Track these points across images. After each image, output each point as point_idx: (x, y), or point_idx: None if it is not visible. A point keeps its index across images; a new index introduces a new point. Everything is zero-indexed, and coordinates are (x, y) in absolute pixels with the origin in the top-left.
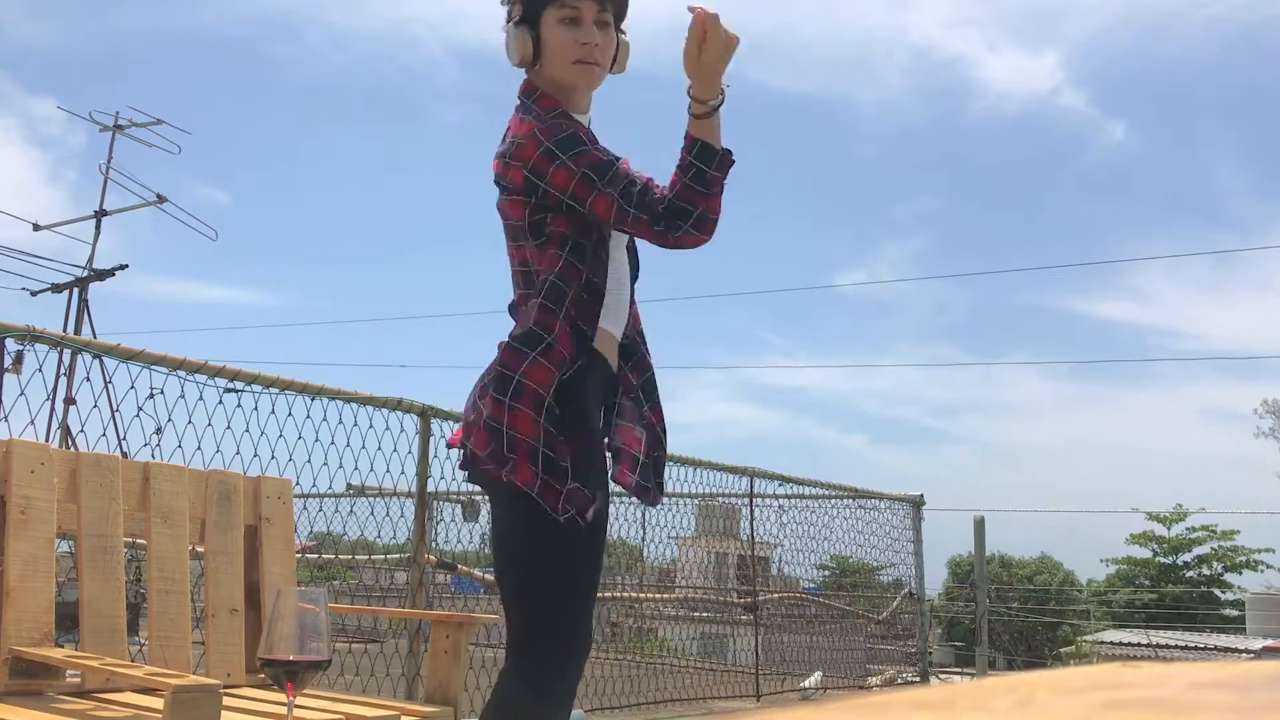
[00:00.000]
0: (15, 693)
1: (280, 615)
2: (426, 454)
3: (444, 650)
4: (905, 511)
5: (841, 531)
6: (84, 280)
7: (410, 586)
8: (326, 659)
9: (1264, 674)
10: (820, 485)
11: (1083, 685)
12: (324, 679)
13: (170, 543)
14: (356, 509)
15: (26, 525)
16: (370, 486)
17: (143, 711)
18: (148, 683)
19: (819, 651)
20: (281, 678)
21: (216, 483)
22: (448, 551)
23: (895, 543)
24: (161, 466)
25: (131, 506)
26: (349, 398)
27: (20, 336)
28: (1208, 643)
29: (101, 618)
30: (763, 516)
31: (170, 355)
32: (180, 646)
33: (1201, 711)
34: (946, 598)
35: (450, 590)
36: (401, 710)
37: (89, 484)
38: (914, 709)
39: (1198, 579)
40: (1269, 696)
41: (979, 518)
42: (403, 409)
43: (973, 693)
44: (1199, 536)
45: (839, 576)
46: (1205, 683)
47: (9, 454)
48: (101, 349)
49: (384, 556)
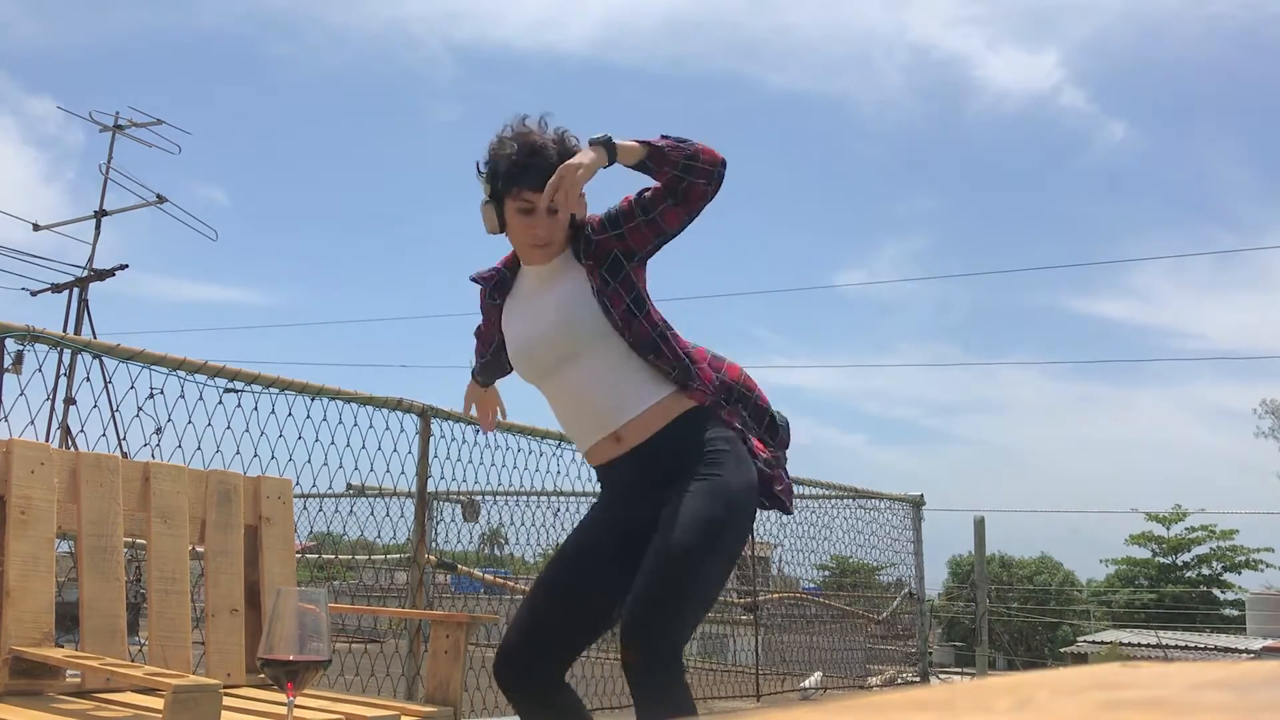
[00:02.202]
0: (15, 693)
1: (280, 615)
2: (426, 454)
3: (444, 650)
4: (905, 511)
5: (841, 531)
6: (84, 280)
7: (410, 586)
8: (326, 659)
9: (1264, 674)
10: (820, 485)
11: (1083, 685)
12: (324, 679)
13: (170, 543)
14: (356, 509)
15: (26, 525)
16: (370, 486)
17: (143, 711)
18: (148, 683)
19: (819, 651)
20: (281, 678)
21: (216, 483)
22: (448, 551)
23: (895, 543)
24: (161, 466)
25: (131, 506)
26: (349, 398)
27: (20, 336)
28: (1208, 643)
29: (101, 618)
30: (763, 516)
31: (170, 355)
32: (180, 646)
33: (1201, 711)
34: (946, 598)
35: (450, 590)
36: (401, 710)
37: (89, 484)
38: (914, 709)
39: (1197, 579)
40: (1269, 696)
41: (979, 518)
42: (403, 409)
43: (973, 693)
44: (1199, 536)
45: (839, 576)
46: (1205, 683)
47: (9, 454)
48: (101, 349)
49: (384, 556)
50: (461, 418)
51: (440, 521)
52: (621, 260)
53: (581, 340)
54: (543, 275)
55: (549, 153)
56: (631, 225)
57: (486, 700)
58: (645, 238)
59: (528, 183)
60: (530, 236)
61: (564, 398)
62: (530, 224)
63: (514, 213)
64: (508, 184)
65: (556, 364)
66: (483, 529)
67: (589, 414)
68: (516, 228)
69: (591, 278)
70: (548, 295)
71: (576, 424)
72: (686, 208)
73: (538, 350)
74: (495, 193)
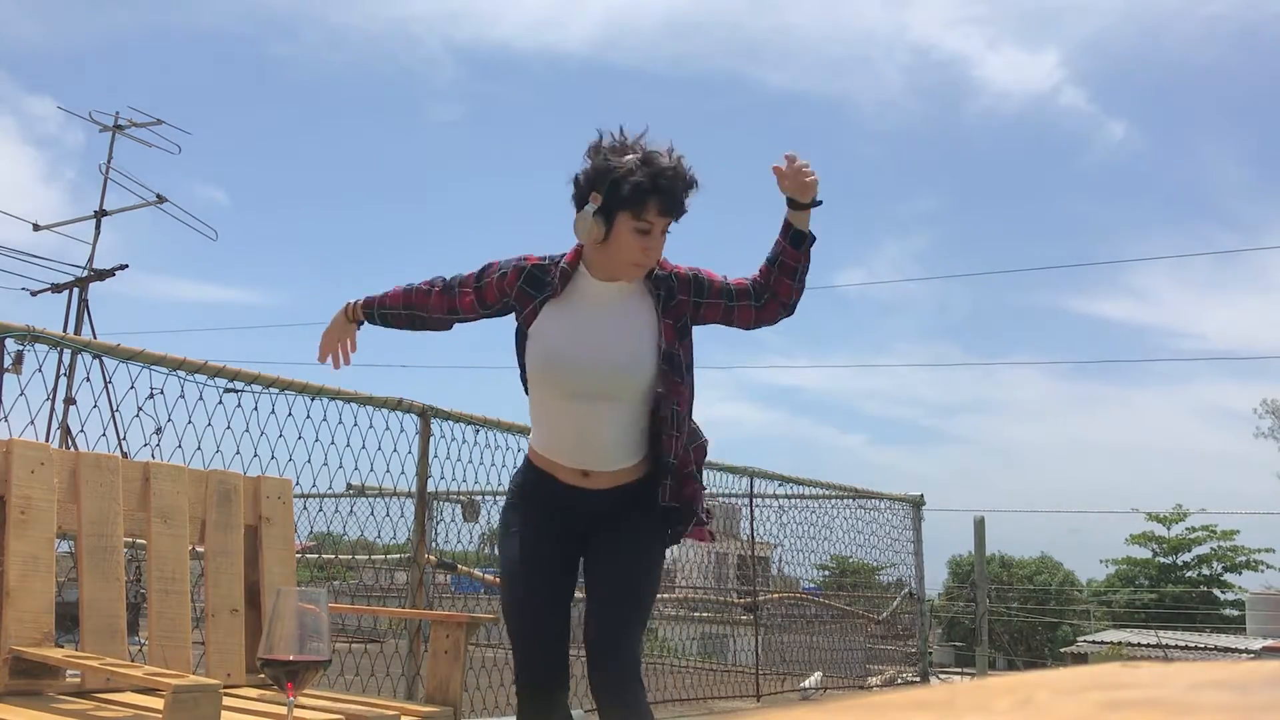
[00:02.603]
0: (15, 693)
1: (280, 615)
2: (426, 454)
3: (444, 650)
4: (905, 511)
5: (841, 531)
6: (84, 280)
7: (410, 586)
8: (326, 659)
9: (1264, 674)
10: (820, 485)
11: (1083, 685)
12: (324, 679)
13: (170, 543)
14: (356, 509)
15: (26, 525)
16: (370, 486)
17: (143, 711)
18: (148, 683)
19: (819, 652)
20: (281, 678)
21: (216, 483)
22: (448, 551)
23: (895, 543)
24: (161, 466)
25: (131, 506)
26: (349, 398)
27: (20, 336)
28: (1208, 643)
29: (101, 618)
30: (763, 516)
31: (170, 355)
32: (180, 646)
33: (1201, 711)
34: (946, 598)
35: (450, 590)
36: (401, 710)
37: (89, 484)
38: (914, 709)
39: (1197, 579)
40: (1269, 696)
41: (979, 518)
42: (403, 409)
43: (973, 693)
44: (1199, 536)
45: (839, 577)
46: (1205, 683)
47: (9, 454)
48: (101, 349)
49: (384, 556)
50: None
51: (440, 521)
52: (689, 326)
53: (633, 390)
54: (610, 296)
55: (681, 179)
56: (712, 302)
57: (486, 700)
58: (713, 318)
59: (656, 204)
60: (640, 255)
61: (570, 422)
62: (645, 244)
63: (629, 230)
64: (635, 201)
65: (593, 395)
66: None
67: (584, 446)
68: (627, 245)
69: (666, 334)
70: (612, 324)
71: (562, 443)
72: (759, 315)
73: (586, 375)
74: (608, 205)
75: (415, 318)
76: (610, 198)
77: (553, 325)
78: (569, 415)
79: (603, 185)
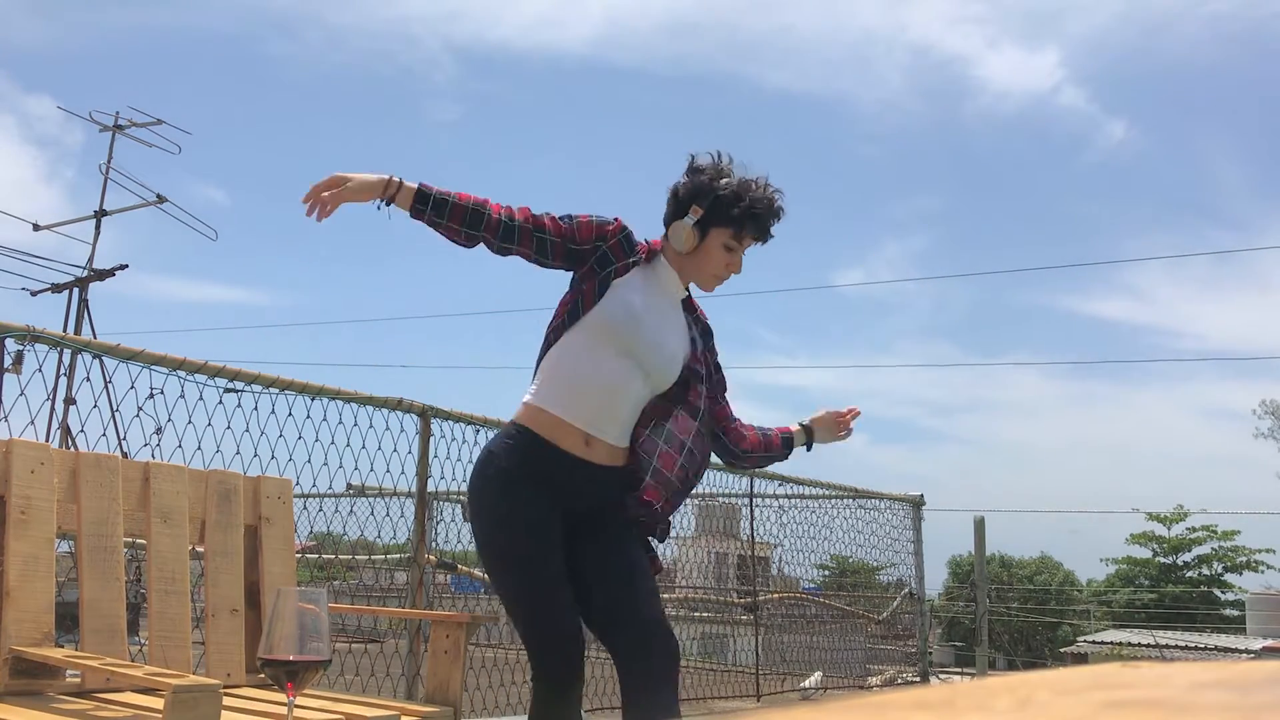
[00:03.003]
0: (15, 693)
1: (280, 615)
2: (426, 454)
3: (444, 650)
4: (905, 511)
5: (841, 531)
6: (84, 280)
7: (410, 586)
8: (326, 659)
9: (1264, 674)
10: (820, 485)
11: (1083, 685)
12: (324, 679)
13: (170, 543)
14: (356, 509)
15: (26, 525)
16: (370, 486)
17: (143, 711)
18: (148, 683)
19: (819, 651)
20: (281, 678)
21: (216, 483)
22: (448, 551)
23: (895, 543)
24: (161, 466)
25: (131, 506)
26: (349, 398)
27: (20, 336)
28: (1208, 643)
29: (101, 618)
30: (763, 516)
31: (170, 355)
32: (180, 646)
33: (1201, 711)
34: (946, 598)
35: (450, 590)
36: (401, 710)
37: (89, 484)
38: (914, 709)
39: (1198, 579)
40: (1269, 696)
41: (979, 518)
42: (403, 409)
43: (973, 693)
44: (1199, 537)
45: (839, 576)
46: (1205, 683)
47: (9, 454)
48: (101, 349)
49: (384, 556)
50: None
51: (440, 521)
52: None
53: (666, 380)
54: (674, 295)
55: (772, 209)
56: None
57: (486, 700)
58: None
59: (752, 231)
60: (723, 270)
61: (606, 380)
62: (729, 260)
63: (719, 245)
64: (739, 223)
65: (643, 365)
66: None
67: (606, 408)
68: (715, 258)
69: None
70: (675, 319)
71: (585, 398)
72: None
73: (650, 343)
74: (707, 219)
75: (480, 216)
76: (710, 213)
77: (636, 287)
78: (611, 372)
79: (704, 201)
